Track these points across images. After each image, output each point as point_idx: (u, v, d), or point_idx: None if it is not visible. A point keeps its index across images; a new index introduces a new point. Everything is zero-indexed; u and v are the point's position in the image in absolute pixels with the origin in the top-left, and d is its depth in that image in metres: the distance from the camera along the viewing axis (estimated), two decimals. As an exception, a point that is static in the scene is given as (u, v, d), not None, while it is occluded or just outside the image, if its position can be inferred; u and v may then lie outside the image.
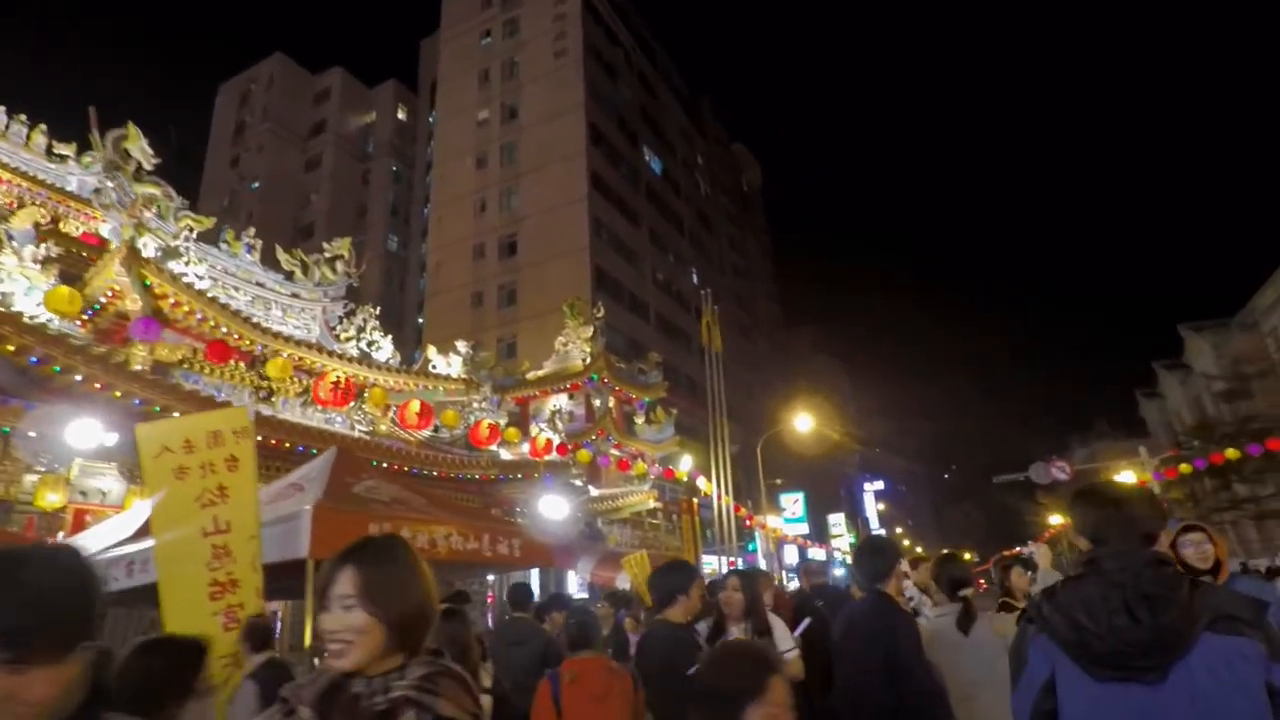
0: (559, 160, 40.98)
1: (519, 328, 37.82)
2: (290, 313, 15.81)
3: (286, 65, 52.02)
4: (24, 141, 16.12)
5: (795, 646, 3.75)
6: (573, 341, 25.31)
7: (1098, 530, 1.77)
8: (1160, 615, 1.55)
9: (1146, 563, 1.64)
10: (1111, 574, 1.65)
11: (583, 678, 4.15)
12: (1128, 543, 1.70)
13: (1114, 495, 1.81)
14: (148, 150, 13.41)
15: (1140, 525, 1.73)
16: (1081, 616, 1.62)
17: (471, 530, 6.53)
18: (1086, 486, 1.89)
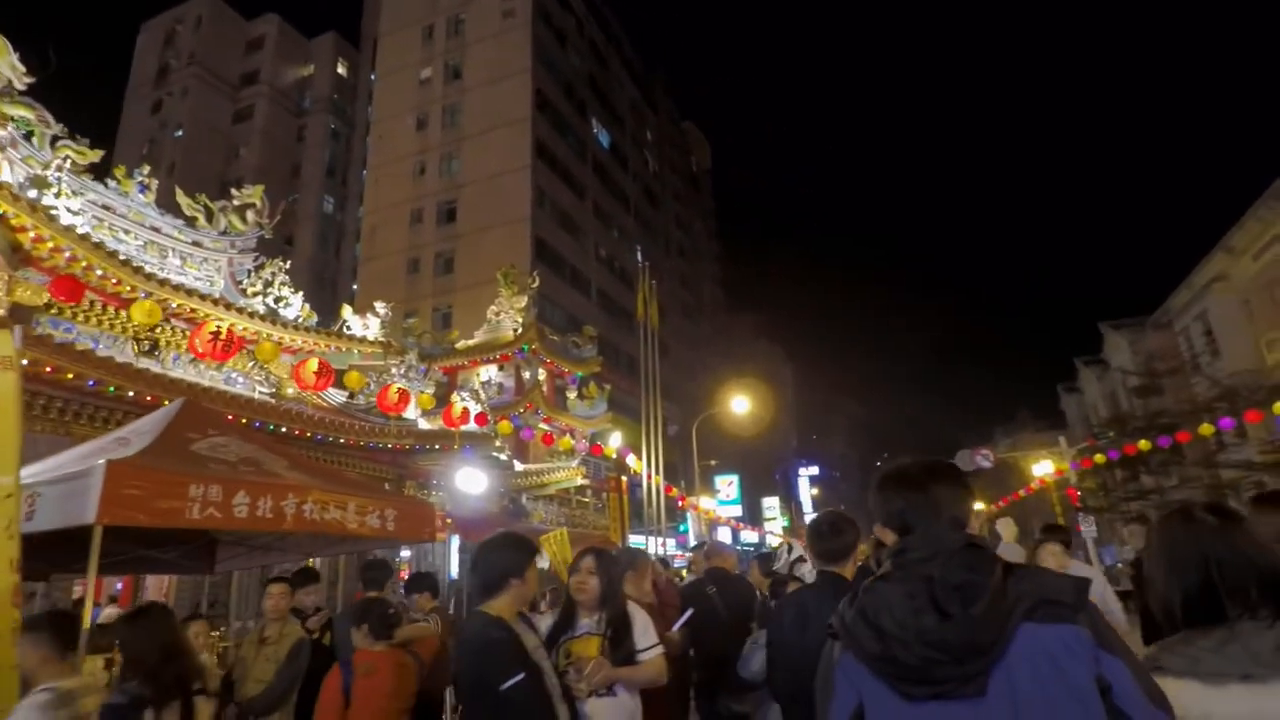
0: (502, 125, 39.65)
1: (455, 297, 36.64)
2: (190, 262, 14.56)
3: (217, 7, 48.69)
4: None
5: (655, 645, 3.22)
6: (505, 311, 24.48)
7: (904, 517, 1.54)
8: (972, 604, 1.33)
9: (955, 548, 1.43)
10: (917, 566, 1.42)
11: (378, 670, 3.71)
12: (932, 529, 1.48)
13: (918, 475, 1.59)
14: (18, 66, 11.99)
15: (947, 507, 1.52)
16: (886, 621, 1.38)
17: (332, 499, 5.84)
18: (891, 468, 1.66)
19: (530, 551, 2.89)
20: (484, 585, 2.81)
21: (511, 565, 2.80)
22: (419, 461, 15.58)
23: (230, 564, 7.55)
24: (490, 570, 2.81)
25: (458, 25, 42.72)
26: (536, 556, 2.90)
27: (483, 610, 2.74)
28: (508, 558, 2.83)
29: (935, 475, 1.58)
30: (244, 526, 5.26)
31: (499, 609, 2.75)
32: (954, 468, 1.66)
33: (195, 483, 4.92)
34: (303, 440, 12.33)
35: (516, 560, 2.81)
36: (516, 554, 2.85)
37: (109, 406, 10.32)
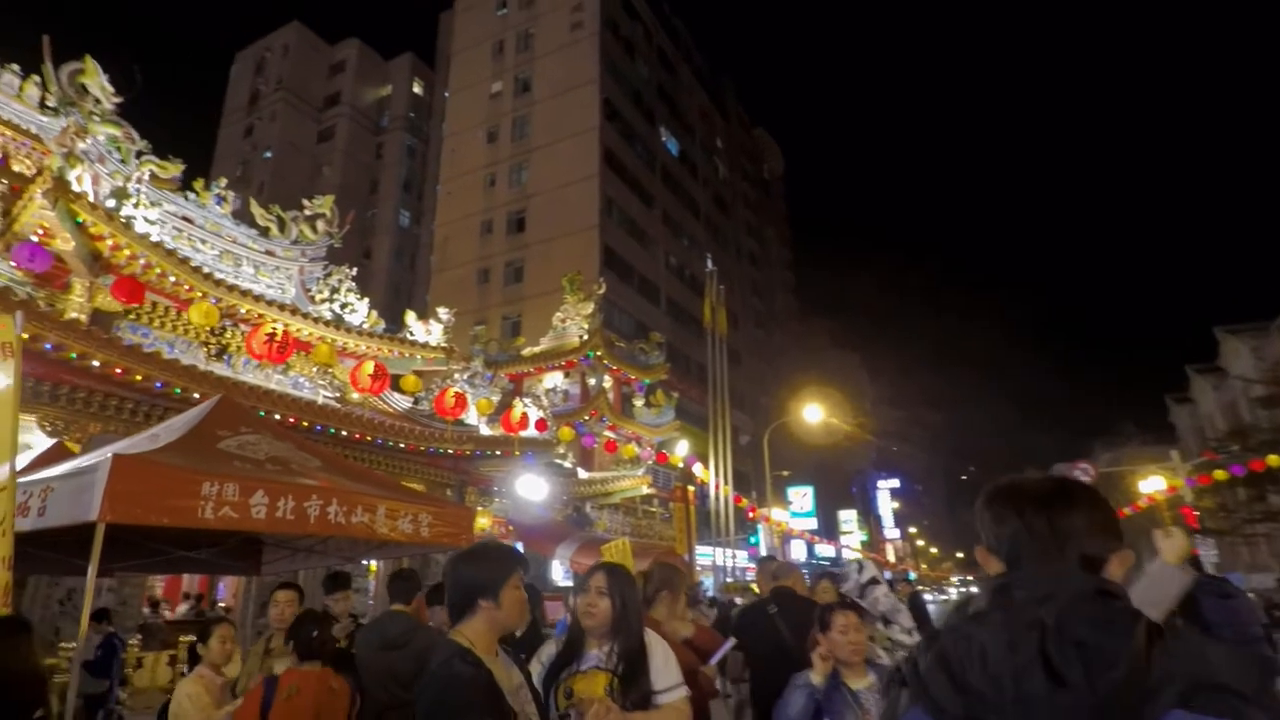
0: (571, 136, 39.87)
1: (524, 306, 36.90)
2: (264, 270, 14.92)
3: (303, 34, 51.31)
4: (15, 93, 15.41)
5: (677, 685, 2.63)
6: (571, 318, 24.31)
7: (1016, 544, 1.23)
8: (1100, 675, 1.02)
9: (1081, 594, 1.12)
10: (1025, 610, 1.12)
11: (302, 692, 3.31)
12: (1053, 565, 1.17)
13: (1041, 493, 1.25)
14: (107, 87, 12.58)
15: (1076, 539, 1.19)
16: (974, 676, 1.08)
17: (360, 501, 5.50)
18: (1007, 482, 1.30)
19: (510, 566, 2.34)
20: (450, 605, 2.30)
21: (481, 582, 2.25)
22: (481, 468, 15.42)
23: (275, 566, 7.37)
24: (456, 587, 2.29)
25: (527, 40, 43.38)
26: (518, 573, 2.34)
27: (450, 638, 2.22)
28: (477, 572, 2.29)
29: (1064, 497, 1.23)
30: (263, 528, 4.96)
31: (470, 637, 2.22)
32: (1092, 492, 1.27)
33: (209, 480, 4.62)
34: (364, 444, 12.31)
35: (489, 576, 2.25)
36: (489, 568, 2.29)
37: (177, 408, 10.50)
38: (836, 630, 3.04)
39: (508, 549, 2.45)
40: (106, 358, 8.95)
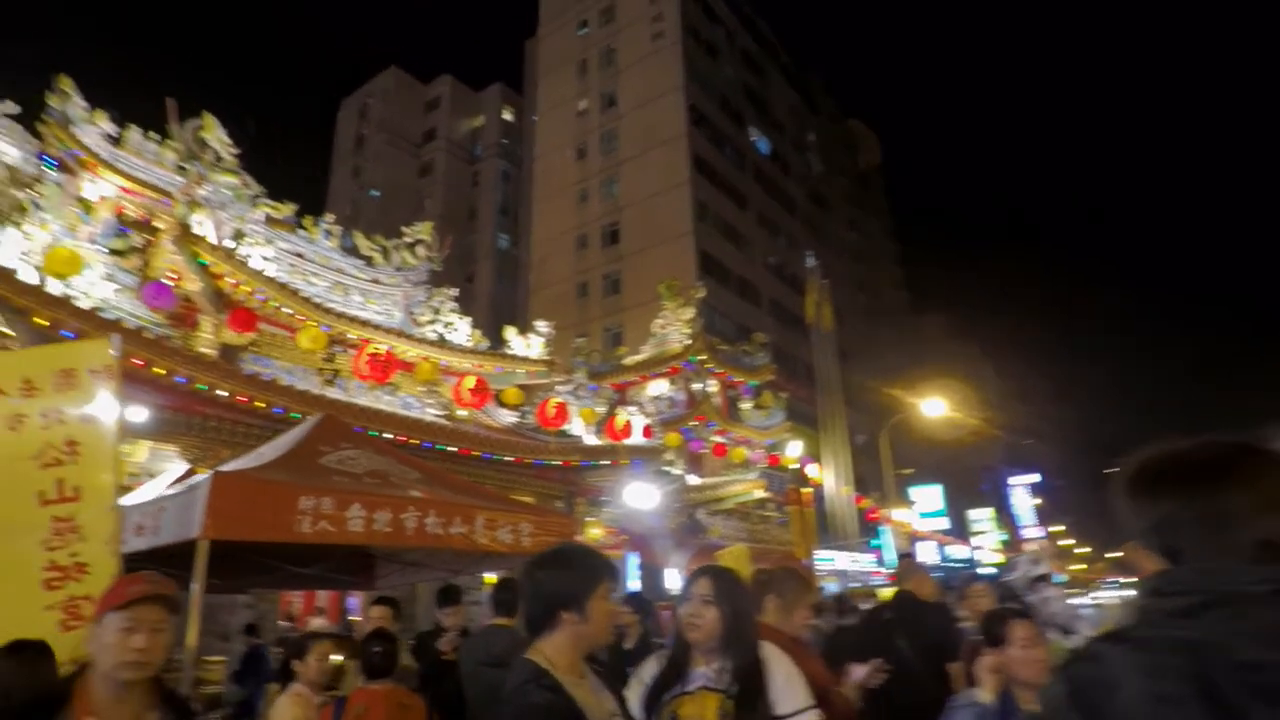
0: (659, 145, 39.86)
1: (624, 316, 37.05)
2: (371, 298, 15.52)
3: (400, 77, 54.45)
4: (156, 157, 16.95)
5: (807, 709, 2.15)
6: (671, 324, 24.01)
7: (1170, 533, 0.94)
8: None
9: (1257, 596, 0.82)
10: (1174, 622, 0.85)
11: (371, 711, 3.06)
12: (1220, 557, 0.88)
13: (1201, 463, 0.94)
14: (225, 140, 13.48)
15: (1249, 521, 0.88)
16: (1110, 714, 0.84)
17: (458, 512, 5.34)
18: (1153, 454, 1.00)
19: (597, 573, 1.95)
20: (528, 620, 1.93)
21: (564, 591, 1.89)
22: (589, 478, 15.30)
23: (388, 580, 7.40)
24: (534, 597, 1.93)
25: (609, 56, 43.87)
26: (607, 582, 1.95)
27: (527, 658, 1.86)
28: (559, 580, 1.91)
29: (1234, 465, 0.92)
30: (360, 540, 4.88)
31: (549, 656, 1.84)
32: (1274, 458, 0.93)
33: (306, 495, 4.58)
34: (471, 460, 12.43)
35: (573, 584, 1.90)
36: (574, 575, 1.92)
37: (297, 433, 11.00)
38: (1017, 644, 2.44)
39: (595, 553, 2.06)
40: (231, 387, 9.42)
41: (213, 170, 12.98)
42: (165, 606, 1.98)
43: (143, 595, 1.94)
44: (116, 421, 3.95)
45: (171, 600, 2.02)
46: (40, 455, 3.72)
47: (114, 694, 1.90)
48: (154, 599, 1.95)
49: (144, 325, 9.72)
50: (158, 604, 1.95)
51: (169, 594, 2.01)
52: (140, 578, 2.03)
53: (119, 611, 1.91)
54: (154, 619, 1.93)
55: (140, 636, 1.88)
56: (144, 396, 8.47)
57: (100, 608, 2.02)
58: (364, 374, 11.35)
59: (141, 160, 14.73)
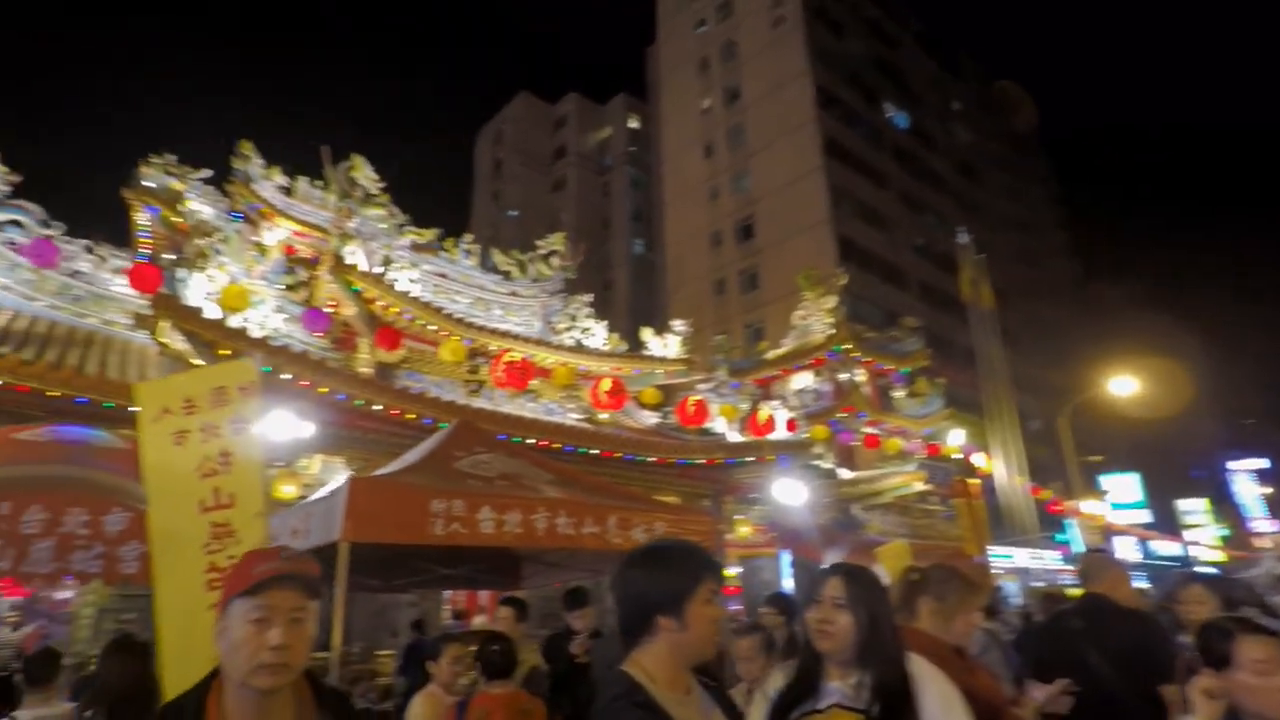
0: (788, 133, 38.69)
1: (764, 311, 36.23)
2: (510, 310, 16.12)
3: (529, 101, 56.94)
4: (320, 201, 18.79)
5: None
6: (813, 315, 23.08)
7: None
8: None
9: None
10: None
11: (492, 716, 2.85)
12: None
13: None
14: (372, 176, 14.56)
15: None
16: None
17: (589, 512, 5.22)
18: None
19: (698, 572, 1.63)
20: (623, 626, 1.67)
21: (659, 594, 1.60)
22: (735, 476, 14.91)
23: (533, 581, 7.48)
24: (627, 600, 1.66)
25: (730, 49, 43.25)
26: (710, 582, 1.63)
27: (621, 671, 1.59)
28: (654, 580, 1.63)
29: None
30: (491, 542, 4.87)
31: (647, 668, 1.57)
32: None
33: (438, 498, 4.65)
34: (614, 462, 12.47)
35: (670, 585, 1.60)
36: (671, 575, 1.62)
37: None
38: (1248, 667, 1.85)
39: (695, 550, 1.75)
40: (385, 401, 10.03)
41: (362, 205, 14.02)
42: (303, 590, 1.49)
43: (274, 575, 1.46)
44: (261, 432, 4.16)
45: (310, 581, 1.53)
46: (200, 467, 3.99)
47: (254, 706, 1.47)
48: (288, 579, 1.47)
49: (309, 349, 10.59)
50: (293, 586, 1.47)
51: (306, 572, 1.53)
52: (270, 553, 1.58)
53: (247, 598, 1.45)
54: (290, 605, 1.46)
55: (276, 630, 1.43)
56: (313, 413, 9.17)
57: (225, 593, 1.57)
58: (502, 381, 11.73)
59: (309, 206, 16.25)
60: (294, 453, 10.19)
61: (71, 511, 5.71)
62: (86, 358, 9.55)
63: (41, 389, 8.08)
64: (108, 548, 5.55)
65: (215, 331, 8.82)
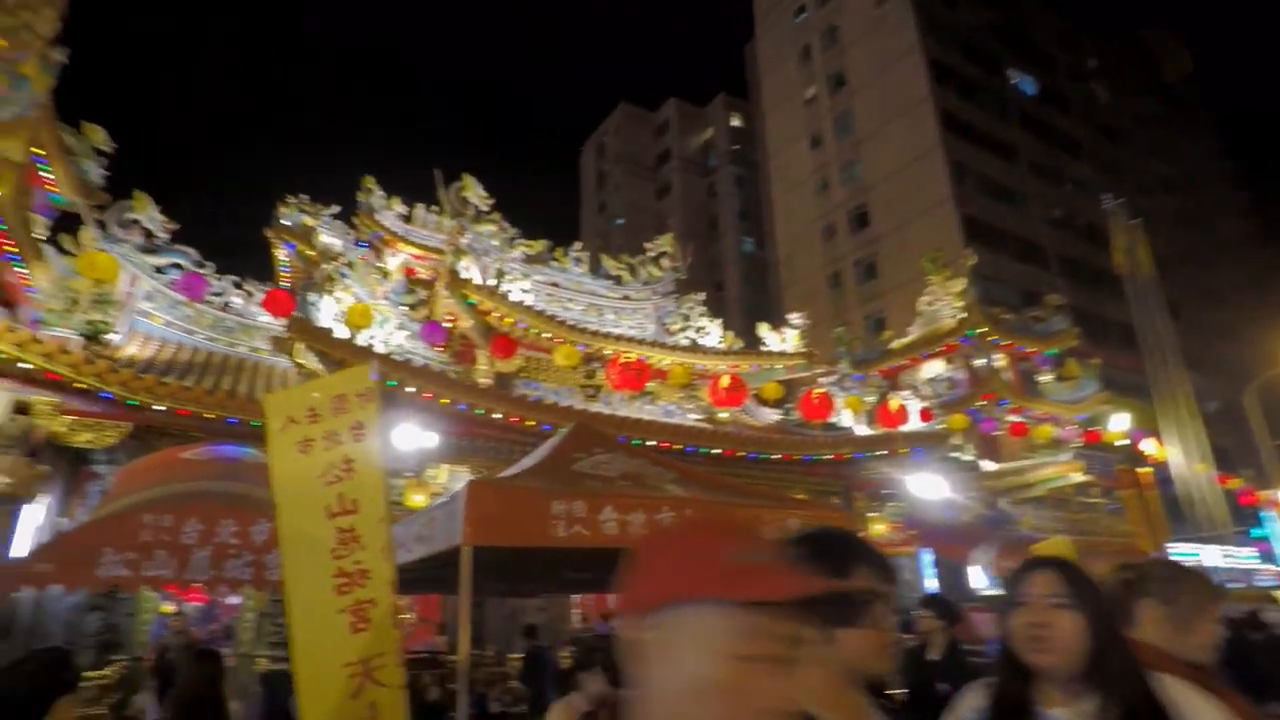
0: (900, 114, 36.75)
1: (885, 301, 34.52)
2: (623, 315, 16.10)
3: (629, 111, 57.60)
4: (436, 225, 19.73)
5: None
6: (940, 300, 21.60)
7: None
8: None
9: None
10: None
11: None
12: None
13: None
14: (483, 194, 14.99)
15: None
16: None
17: (717, 510, 4.92)
18: None
19: (840, 565, 1.26)
20: None
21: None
22: (865, 471, 14.08)
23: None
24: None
25: (832, 34, 41.71)
26: (860, 575, 1.26)
27: None
28: None
29: None
30: (616, 543, 4.63)
31: None
32: None
33: (559, 500, 4.49)
34: (736, 461, 12.06)
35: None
36: (821, 571, 1.26)
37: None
38: None
39: (839, 537, 1.37)
40: (504, 409, 10.15)
41: (474, 222, 14.43)
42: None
43: (792, 597, 0.79)
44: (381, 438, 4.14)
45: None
46: (325, 474, 4.01)
47: None
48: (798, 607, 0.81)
49: (430, 363, 10.92)
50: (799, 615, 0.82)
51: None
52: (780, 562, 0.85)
53: (747, 612, 0.78)
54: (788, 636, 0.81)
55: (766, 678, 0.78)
56: (436, 424, 9.39)
57: (683, 587, 0.80)
58: (618, 384, 11.62)
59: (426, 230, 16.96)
60: (421, 463, 10.50)
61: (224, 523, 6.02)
62: (237, 382, 10.32)
63: (199, 412, 8.77)
64: (255, 555, 5.82)
65: (343, 350, 9.23)
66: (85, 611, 8.19)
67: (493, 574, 6.48)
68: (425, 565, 5.17)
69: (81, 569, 5.46)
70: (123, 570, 5.50)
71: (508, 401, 10.44)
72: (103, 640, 8.10)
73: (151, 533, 5.60)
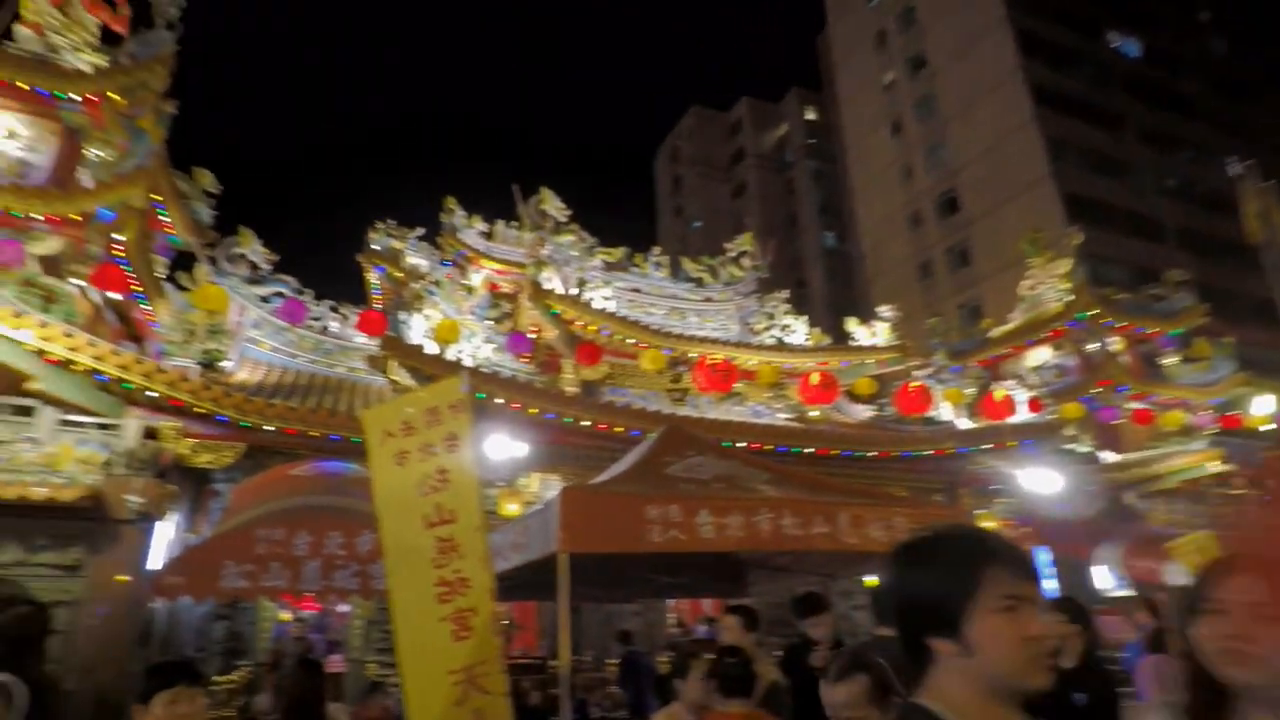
0: (988, 91, 34.96)
1: (981, 288, 32.84)
2: (706, 317, 15.93)
3: (700, 114, 57.29)
4: (516, 239, 20.20)
5: None
6: (1043, 282, 20.31)
7: None
8: None
9: None
10: None
11: None
12: None
13: None
14: (560, 206, 15.19)
15: None
16: None
17: (818, 510, 4.66)
18: None
19: (973, 566, 1.10)
20: (902, 648, 1.15)
21: (925, 605, 1.11)
22: (970, 465, 13.32)
23: (759, 587, 7.03)
24: (896, 621, 1.17)
25: (908, 16, 40.17)
26: (998, 577, 1.09)
27: (917, 704, 1.08)
28: (913, 591, 1.14)
29: None
30: (711, 547, 4.51)
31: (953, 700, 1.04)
32: None
33: (653, 504, 4.39)
34: (831, 460, 11.66)
35: (932, 592, 1.12)
36: (937, 577, 1.12)
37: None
38: None
39: (971, 535, 1.18)
40: (591, 416, 10.18)
41: (553, 233, 14.62)
42: None
43: None
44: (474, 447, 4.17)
45: None
46: (421, 485, 4.07)
47: None
48: None
49: (517, 374, 11.09)
50: None
51: None
52: None
53: None
54: None
55: None
56: (526, 434, 9.49)
57: None
58: (704, 386, 11.46)
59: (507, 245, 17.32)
60: (513, 472, 10.65)
61: (331, 535, 6.24)
62: (338, 401, 10.80)
63: (305, 430, 9.22)
64: (361, 566, 6.01)
65: (434, 365, 9.49)
66: (212, 620, 8.77)
67: (589, 580, 6.45)
68: (522, 573, 5.17)
69: (206, 581, 5.79)
70: (242, 582, 5.79)
71: (595, 408, 10.47)
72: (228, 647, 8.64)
73: (266, 546, 5.87)
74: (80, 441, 7.96)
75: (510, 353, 11.41)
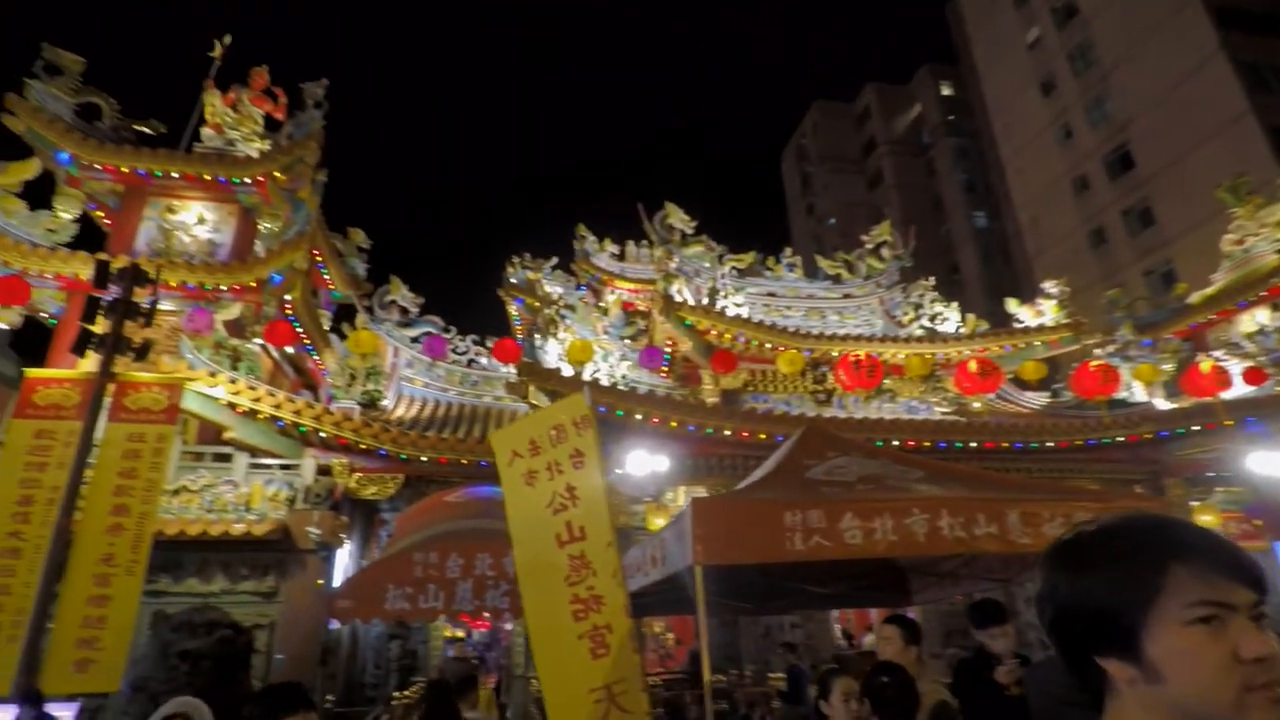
0: (1156, 26, 30.96)
1: (1171, 250, 28.95)
2: (846, 314, 15.17)
3: (824, 107, 55.18)
4: (648, 258, 20.47)
5: None
6: (1252, 234, 17.50)
7: None
8: None
9: None
10: None
11: None
12: None
13: None
14: (685, 218, 15.15)
15: None
16: None
17: (981, 509, 4.13)
18: None
19: (1152, 565, 0.79)
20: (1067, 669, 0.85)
21: (1083, 620, 0.83)
22: (1176, 452, 11.55)
23: (925, 595, 6.40)
24: (1053, 636, 0.88)
25: (1050, -38, 36.63)
26: (1188, 578, 0.78)
27: None
28: (1075, 600, 0.84)
29: None
30: (862, 553, 4.11)
31: None
32: None
33: (791, 510, 4.09)
34: (1001, 453, 10.58)
35: (1097, 604, 0.81)
36: (1105, 581, 0.81)
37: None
38: None
39: (1150, 524, 0.86)
40: (731, 425, 9.90)
41: (681, 246, 14.56)
42: None
43: None
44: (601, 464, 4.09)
45: None
46: (551, 503, 4.05)
47: None
48: None
49: (655, 389, 11.03)
50: None
51: None
52: None
53: None
54: None
55: None
56: (668, 448, 9.39)
57: None
58: (848, 385, 10.78)
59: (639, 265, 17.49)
60: (659, 487, 10.57)
61: (480, 556, 6.43)
62: (485, 429, 11.29)
63: (456, 459, 9.70)
64: (510, 585, 6.12)
65: (570, 386, 9.65)
66: (387, 640, 9.39)
67: (738, 593, 6.18)
68: (663, 587, 5.02)
69: (372, 603, 6.15)
70: (404, 604, 6.10)
71: (735, 417, 10.16)
72: (403, 664, 9.20)
73: (422, 569, 6.16)
74: (268, 481, 8.86)
75: (644, 368, 11.40)
